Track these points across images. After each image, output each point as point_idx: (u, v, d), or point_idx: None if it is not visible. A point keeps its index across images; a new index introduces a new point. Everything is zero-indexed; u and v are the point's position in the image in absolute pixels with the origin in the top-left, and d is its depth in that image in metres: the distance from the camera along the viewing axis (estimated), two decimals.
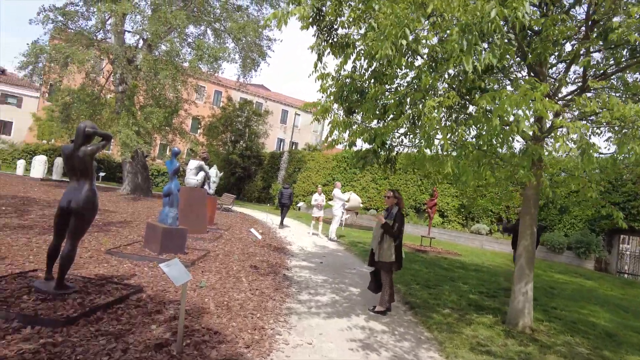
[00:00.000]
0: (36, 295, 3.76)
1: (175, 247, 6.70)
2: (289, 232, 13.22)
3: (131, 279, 5.02)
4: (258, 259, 7.68)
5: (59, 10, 16.99)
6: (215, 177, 13.43)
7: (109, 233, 8.20)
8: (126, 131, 15.86)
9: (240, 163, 29.52)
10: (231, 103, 30.69)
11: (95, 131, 3.98)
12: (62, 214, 3.94)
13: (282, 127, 48.48)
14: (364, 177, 24.60)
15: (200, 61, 16.88)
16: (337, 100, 6.49)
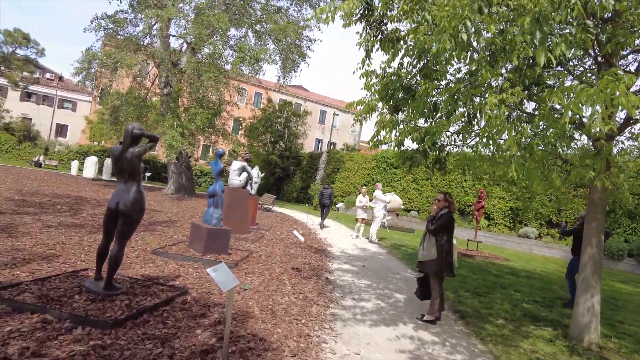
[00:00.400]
0: (86, 295, 3.81)
1: (219, 247, 6.71)
2: (328, 234, 13.08)
3: (176, 280, 5.03)
4: (300, 260, 7.58)
5: (110, 17, 17.76)
6: (257, 177, 13.53)
7: (154, 233, 8.38)
8: (171, 132, 16.32)
9: (279, 163, 29.76)
10: (271, 104, 31.02)
11: (143, 132, 3.99)
12: (110, 215, 3.98)
13: (321, 128, 48.51)
14: (405, 177, 24.08)
15: (242, 63, 17.09)
16: (383, 99, 6.26)
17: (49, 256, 5.27)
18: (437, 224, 5.34)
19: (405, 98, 6.54)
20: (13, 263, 4.75)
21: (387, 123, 5.03)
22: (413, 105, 5.46)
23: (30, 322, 3.21)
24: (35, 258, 5.08)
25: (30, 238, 6.17)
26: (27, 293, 3.70)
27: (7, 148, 33.67)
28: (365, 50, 4.77)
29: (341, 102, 50.77)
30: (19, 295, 3.63)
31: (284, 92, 40.56)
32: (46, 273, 4.54)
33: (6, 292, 3.69)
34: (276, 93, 41.34)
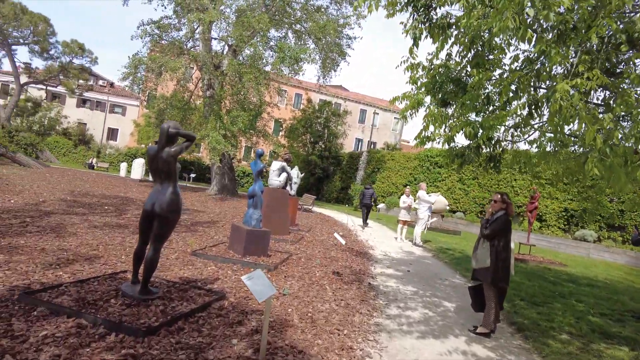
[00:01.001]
0: (122, 300, 3.71)
1: (258, 249, 6.55)
2: (370, 236, 12.69)
3: (214, 284, 4.89)
4: (340, 264, 7.28)
5: (155, 23, 18.29)
6: (296, 178, 13.40)
7: (196, 233, 8.38)
8: (214, 135, 16.54)
9: (319, 164, 29.64)
10: (311, 105, 30.98)
11: (179, 131, 3.84)
12: (146, 216, 3.86)
13: (361, 127, 47.98)
14: (450, 177, 23.17)
15: (282, 63, 17.05)
16: (430, 92, 5.85)
17: (91, 257, 5.30)
18: (492, 227, 4.87)
19: (454, 91, 6.09)
20: (57, 264, 4.78)
21: (436, 117, 4.62)
22: (464, 99, 5.03)
23: (65, 326, 3.12)
24: (78, 259, 5.11)
25: (76, 238, 6.28)
26: (65, 295, 3.65)
27: (65, 151, 35.79)
28: (413, 39, 4.40)
29: (381, 101, 49.98)
30: (57, 298, 3.58)
31: (323, 93, 40.45)
32: (87, 274, 4.52)
33: (46, 294, 3.66)
34: (316, 94, 41.31)
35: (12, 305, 3.40)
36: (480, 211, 21.80)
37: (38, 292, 3.65)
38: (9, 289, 3.77)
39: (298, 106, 39.11)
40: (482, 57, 4.99)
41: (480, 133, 4.53)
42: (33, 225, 6.81)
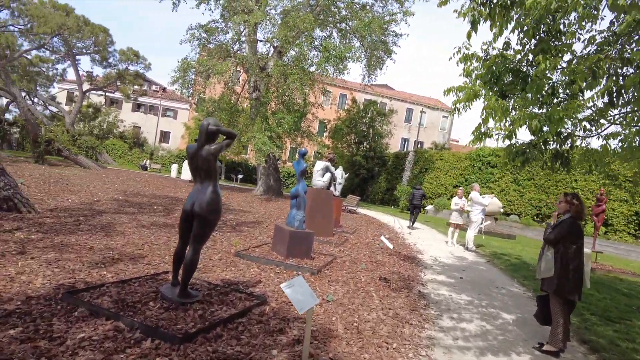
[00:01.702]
0: (161, 302, 3.60)
1: (301, 251, 6.34)
2: (418, 239, 12.14)
3: (256, 287, 4.71)
4: (387, 269, 6.90)
5: (203, 27, 18.71)
6: (341, 178, 13.12)
7: (240, 233, 8.32)
8: (260, 136, 16.65)
9: (363, 164, 29.19)
10: (355, 105, 30.57)
11: (219, 129, 3.68)
12: (186, 217, 3.74)
13: (407, 127, 46.89)
14: (503, 177, 21.95)
15: (327, 62, 16.85)
16: (486, 84, 5.36)
17: (136, 256, 5.31)
18: (555, 232, 4.32)
19: (513, 82, 5.57)
20: (103, 263, 4.80)
21: (496, 109, 4.16)
22: (526, 89, 4.53)
23: (103, 329, 3.03)
24: (123, 258, 5.13)
25: (123, 237, 6.36)
26: (106, 296, 3.60)
27: (121, 153, 37.79)
28: (471, 22, 3.97)
29: (429, 99, 48.63)
30: (98, 299, 3.53)
31: (368, 92, 39.90)
32: (129, 274, 4.50)
33: (88, 294, 3.62)
34: (360, 93, 40.86)
35: (55, 305, 3.37)
36: (537, 214, 20.43)
37: (80, 292, 3.62)
38: (55, 287, 3.78)
39: (342, 106, 38.80)
40: (547, 43, 4.46)
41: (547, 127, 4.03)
42: (85, 224, 7.01)
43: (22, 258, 4.56)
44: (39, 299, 3.47)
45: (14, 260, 4.45)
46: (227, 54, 18.80)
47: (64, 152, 22.43)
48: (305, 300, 2.56)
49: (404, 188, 24.29)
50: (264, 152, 16.58)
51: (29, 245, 5.13)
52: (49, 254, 4.84)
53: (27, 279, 3.91)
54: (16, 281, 3.83)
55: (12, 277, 3.93)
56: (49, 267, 4.33)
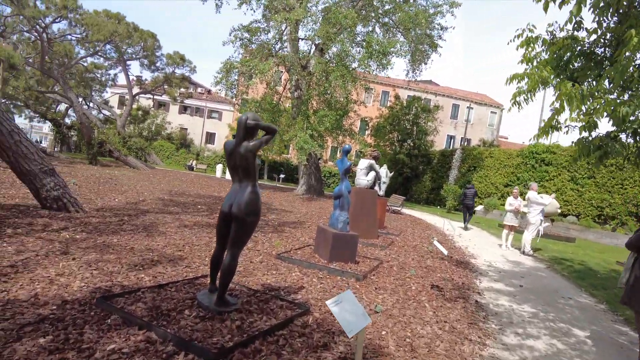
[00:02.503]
0: (197, 311, 3.35)
1: (345, 255, 5.96)
2: (469, 242, 11.40)
3: (298, 293, 4.38)
4: (439, 275, 6.37)
5: (245, 27, 18.77)
6: (385, 177, 12.60)
7: (282, 234, 8.08)
8: (302, 135, 16.44)
9: (407, 163, 28.30)
10: (398, 101, 29.70)
11: (258, 123, 3.39)
12: (223, 218, 3.48)
13: (453, 123, 45.23)
14: (559, 175, 20.45)
15: (370, 58, 16.35)
16: (555, 69, 4.75)
17: (175, 258, 5.15)
18: (636, 236, 3.66)
19: (585, 67, 4.93)
20: (141, 265, 4.67)
21: (572, 95, 3.58)
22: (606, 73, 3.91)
23: (134, 340, 2.81)
24: (162, 260, 4.98)
25: (165, 238, 6.27)
26: (140, 302, 3.40)
27: (168, 154, 39.10)
28: None
29: (476, 95, 46.69)
30: (132, 305, 3.34)
31: (412, 89, 38.84)
32: (167, 277, 4.32)
33: (123, 299, 3.44)
34: (404, 90, 39.85)
35: (89, 310, 3.21)
36: (599, 215, 18.84)
37: (115, 297, 3.45)
38: (91, 291, 3.64)
39: (385, 104, 37.97)
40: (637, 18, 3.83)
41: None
42: (128, 224, 7.02)
43: (64, 259, 4.51)
44: (74, 303, 3.33)
45: (56, 260, 4.40)
46: (269, 54, 18.74)
47: (115, 153, 23.41)
48: (355, 320, 2.19)
49: (451, 187, 23.22)
50: (305, 151, 16.34)
51: (72, 245, 5.11)
52: (90, 255, 4.78)
53: (66, 282, 3.81)
54: (55, 283, 3.74)
55: (52, 279, 3.84)
56: (88, 269, 4.23)
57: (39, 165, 6.88)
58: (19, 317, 2.98)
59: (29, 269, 4.04)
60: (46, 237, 5.33)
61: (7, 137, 6.51)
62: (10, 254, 4.42)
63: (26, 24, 22.89)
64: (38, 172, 6.89)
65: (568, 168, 20.09)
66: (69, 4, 23.74)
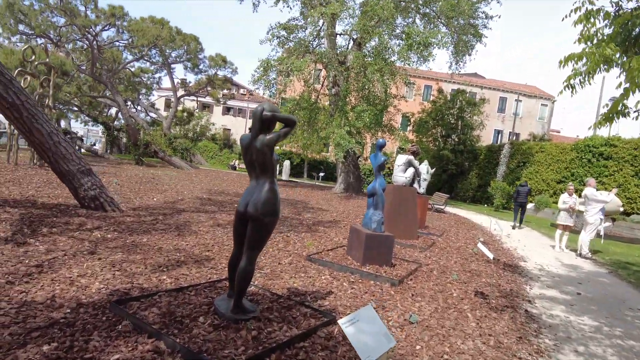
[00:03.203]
0: (212, 318, 3.12)
1: (380, 257, 5.57)
2: (518, 242, 10.59)
3: (326, 299, 4.06)
4: (484, 280, 5.82)
5: (282, 25, 18.67)
6: (426, 174, 11.98)
7: (315, 234, 7.80)
8: (339, 132, 16.09)
9: (452, 159, 27.16)
10: (442, 95, 28.56)
11: (275, 114, 3.10)
12: (239, 219, 3.22)
13: (500, 117, 43.09)
14: (621, 170, 18.77)
15: (409, 50, 15.70)
16: (621, 46, 4.12)
17: (202, 259, 4.99)
18: None
19: None
20: (166, 265, 4.54)
21: None
22: None
23: (141, 350, 2.61)
24: (188, 261, 4.84)
25: (195, 237, 6.17)
26: (155, 307, 3.22)
27: (212, 154, 40.08)
28: None
29: (525, 87, 44.27)
30: (146, 310, 3.16)
31: (455, 82, 37.38)
32: (190, 279, 4.15)
33: (137, 303, 3.28)
34: (447, 83, 38.43)
35: (101, 315, 3.07)
36: None
37: (130, 301, 3.29)
38: (109, 294, 3.52)
39: (427, 98, 36.76)
40: None
41: None
42: (162, 223, 7.00)
43: (90, 259, 4.46)
44: (89, 306, 3.20)
45: (81, 261, 4.35)
46: (306, 50, 18.53)
47: (160, 154, 24.16)
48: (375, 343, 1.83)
49: (499, 184, 21.97)
50: (343, 148, 15.97)
51: (101, 245, 5.09)
52: (117, 255, 4.71)
53: (86, 283, 3.72)
54: (75, 284, 3.65)
55: (73, 279, 3.77)
56: (111, 270, 4.14)
57: (76, 166, 7.01)
58: (30, 320, 2.88)
59: (54, 269, 4.00)
60: (78, 237, 5.35)
61: (46, 138, 6.67)
62: (40, 254, 4.43)
63: (78, 33, 24.11)
64: (76, 172, 7.02)
65: (632, 162, 18.39)
66: (117, 11, 24.77)
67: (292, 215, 9.92)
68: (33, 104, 6.58)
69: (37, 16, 21.97)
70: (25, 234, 5.14)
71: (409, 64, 16.54)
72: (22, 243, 4.76)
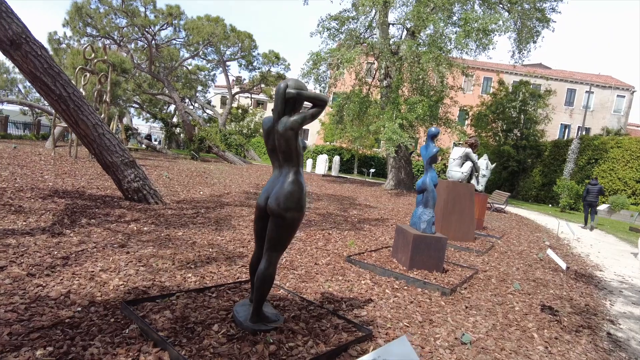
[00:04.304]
0: (228, 326, 2.73)
1: (430, 261, 4.96)
2: (590, 248, 9.39)
3: (363, 309, 3.56)
4: (552, 292, 5.01)
5: (332, 17, 18.20)
6: (486, 169, 10.98)
7: (360, 232, 7.29)
8: (390, 125, 15.37)
9: (513, 155, 25.30)
10: (503, 87, 26.67)
11: (300, 92, 2.65)
12: (259, 215, 2.82)
13: (567, 111, 39.73)
14: None
15: (467, 37, 14.60)
16: None
17: (234, 256, 4.68)
18: None
19: None
20: (194, 262, 4.27)
21: None
22: None
23: None
24: (219, 257, 4.54)
25: (232, 232, 5.91)
26: (168, 310, 2.90)
27: (264, 150, 40.65)
28: None
29: (598, 77, 40.45)
30: (158, 313, 2.85)
31: (518, 73, 34.95)
32: (217, 278, 3.83)
33: (151, 304, 2.99)
34: (508, 75, 36.03)
35: (110, 316, 2.79)
36: None
37: (144, 302, 3.01)
38: (127, 291, 3.27)
39: (487, 91, 34.63)
40: None
41: None
42: (202, 217, 6.84)
43: (119, 252, 4.29)
44: (101, 305, 2.95)
45: (109, 254, 4.19)
46: (357, 41, 17.92)
47: (214, 149, 24.72)
48: None
49: (566, 183, 20.06)
50: (394, 142, 15.21)
51: (134, 238, 4.94)
52: (147, 249, 4.52)
53: (107, 278, 3.50)
54: (94, 279, 3.45)
55: (95, 274, 3.57)
56: (136, 265, 3.92)
57: (120, 157, 7.03)
58: (36, 318, 2.66)
59: (79, 261, 3.85)
60: (114, 229, 5.26)
61: (91, 130, 6.72)
62: (71, 245, 4.33)
63: (137, 33, 25.21)
64: (120, 163, 7.04)
65: None
66: (174, 11, 25.61)
67: (337, 212, 9.47)
68: (79, 96, 6.64)
69: (102, 19, 23.21)
70: (64, 225, 5.12)
71: (467, 53, 15.43)
72: (58, 233, 4.71)
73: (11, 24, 5.86)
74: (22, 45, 5.95)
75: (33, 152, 12.41)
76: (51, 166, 9.93)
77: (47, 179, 8.23)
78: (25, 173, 8.43)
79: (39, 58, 6.14)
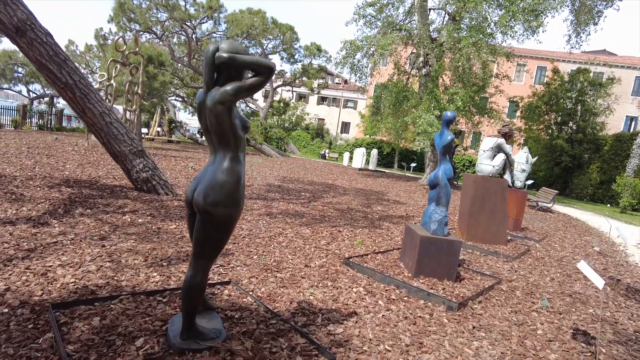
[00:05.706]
0: (153, 342, 2.28)
1: (440, 267, 4.27)
2: None
3: (342, 324, 2.99)
4: (591, 312, 4.15)
5: (368, 3, 17.38)
6: (525, 163, 9.86)
7: (375, 230, 6.67)
8: (426, 116, 14.42)
9: (567, 150, 23.21)
10: (558, 76, 24.46)
11: (234, 57, 2.08)
12: (191, 211, 2.34)
13: (634, 101, 36.03)
14: None
15: (512, 19, 13.32)
16: None
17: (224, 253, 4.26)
18: None
19: None
20: (171, 259, 3.90)
21: None
22: None
23: None
24: None
25: None
26: (98, 317, 2.51)
27: (304, 144, 40.43)
28: None
29: None
30: (84, 320, 2.46)
31: (576, 61, 32.16)
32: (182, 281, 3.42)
33: (84, 308, 2.61)
34: (565, 63, 33.21)
35: (31, 322, 2.44)
36: None
37: (75, 305, 2.64)
38: (73, 291, 2.94)
39: (542, 81, 32.15)
40: None
41: None
42: None
43: (95, 245, 4.00)
44: (31, 307, 2.62)
45: (82, 247, 3.91)
46: (394, 27, 17.01)
47: (251, 142, 24.75)
48: None
49: (629, 181, 18.03)
50: (429, 134, 14.27)
51: (120, 230, 4.67)
52: (127, 243, 4.21)
53: (60, 275, 3.19)
54: (46, 276, 3.15)
55: (50, 269, 3.28)
56: (103, 260, 3.61)
57: (128, 147, 6.85)
58: None
59: (43, 255, 3.59)
60: (105, 220, 5.03)
61: (98, 119, 6.58)
62: (48, 236, 4.10)
63: (178, 27, 25.66)
64: (128, 153, 6.86)
65: None
66: (214, 4, 25.81)
67: (358, 207, 8.86)
68: (86, 83, 6.50)
69: (144, 14, 23.80)
70: (55, 215, 4.95)
71: (512, 36, 14.10)
72: (42, 224, 4.52)
73: (16, 11, 5.77)
74: (27, 32, 5.85)
75: (70, 143, 12.79)
76: (79, 156, 10.09)
77: (67, 168, 8.28)
78: (48, 162, 8.54)
79: (44, 45, 6.04)
